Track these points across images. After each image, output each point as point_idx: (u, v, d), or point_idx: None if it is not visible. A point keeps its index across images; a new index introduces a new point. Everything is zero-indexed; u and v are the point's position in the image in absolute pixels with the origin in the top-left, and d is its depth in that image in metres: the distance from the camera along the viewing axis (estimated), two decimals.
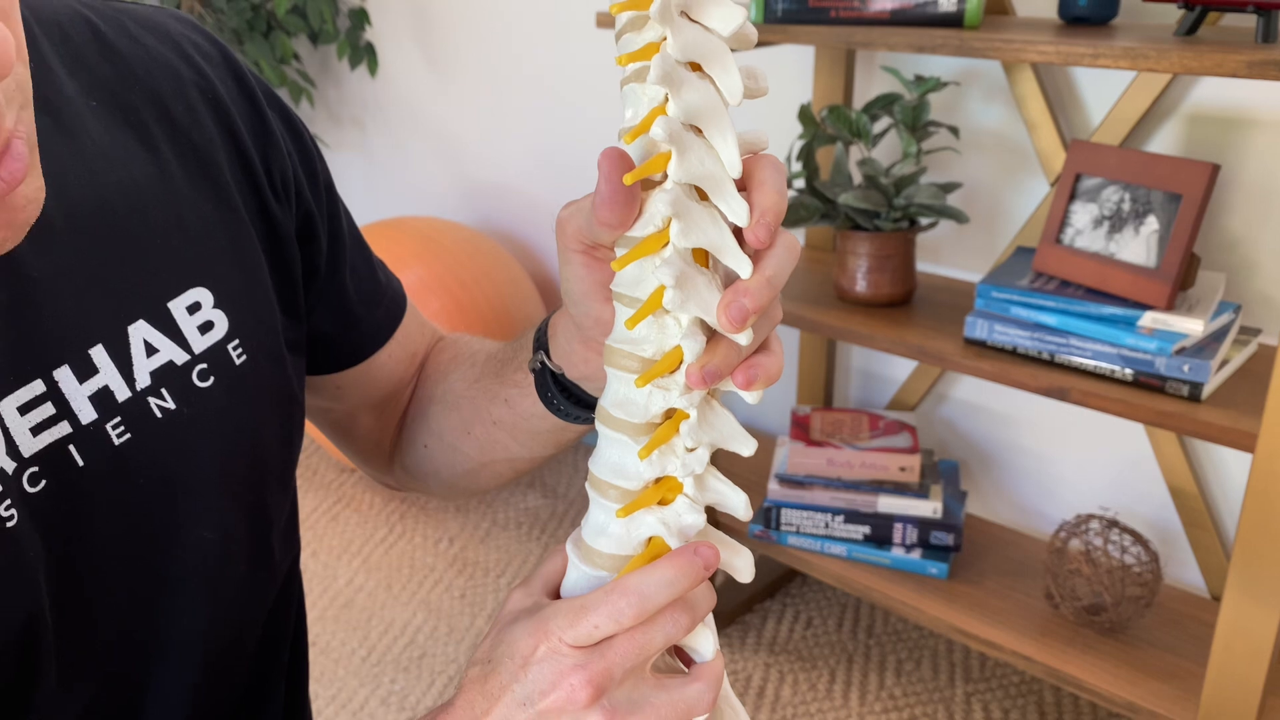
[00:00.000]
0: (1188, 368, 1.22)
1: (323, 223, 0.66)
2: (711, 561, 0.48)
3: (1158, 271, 1.27)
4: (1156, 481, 1.60)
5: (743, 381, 0.47)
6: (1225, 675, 1.23)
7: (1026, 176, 1.60)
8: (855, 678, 1.73)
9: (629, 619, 0.47)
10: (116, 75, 0.56)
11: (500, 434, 0.66)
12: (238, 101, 0.61)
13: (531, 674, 0.47)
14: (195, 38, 0.61)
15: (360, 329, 0.69)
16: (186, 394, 0.55)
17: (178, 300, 0.55)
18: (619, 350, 0.48)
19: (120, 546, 0.53)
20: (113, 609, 0.53)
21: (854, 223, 1.51)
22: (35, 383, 0.50)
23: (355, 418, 0.75)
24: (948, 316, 1.49)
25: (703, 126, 0.45)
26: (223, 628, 0.59)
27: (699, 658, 0.51)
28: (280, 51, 2.42)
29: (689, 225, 0.45)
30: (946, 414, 1.82)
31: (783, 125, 1.80)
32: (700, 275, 0.46)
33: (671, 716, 0.48)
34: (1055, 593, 1.47)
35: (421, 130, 2.55)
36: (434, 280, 2.13)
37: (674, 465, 0.48)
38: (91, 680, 0.53)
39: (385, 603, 1.95)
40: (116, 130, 0.55)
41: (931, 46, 1.30)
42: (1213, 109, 1.41)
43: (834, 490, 1.63)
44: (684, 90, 0.44)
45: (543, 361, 0.60)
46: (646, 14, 0.44)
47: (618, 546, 0.50)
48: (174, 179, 0.56)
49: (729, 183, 0.45)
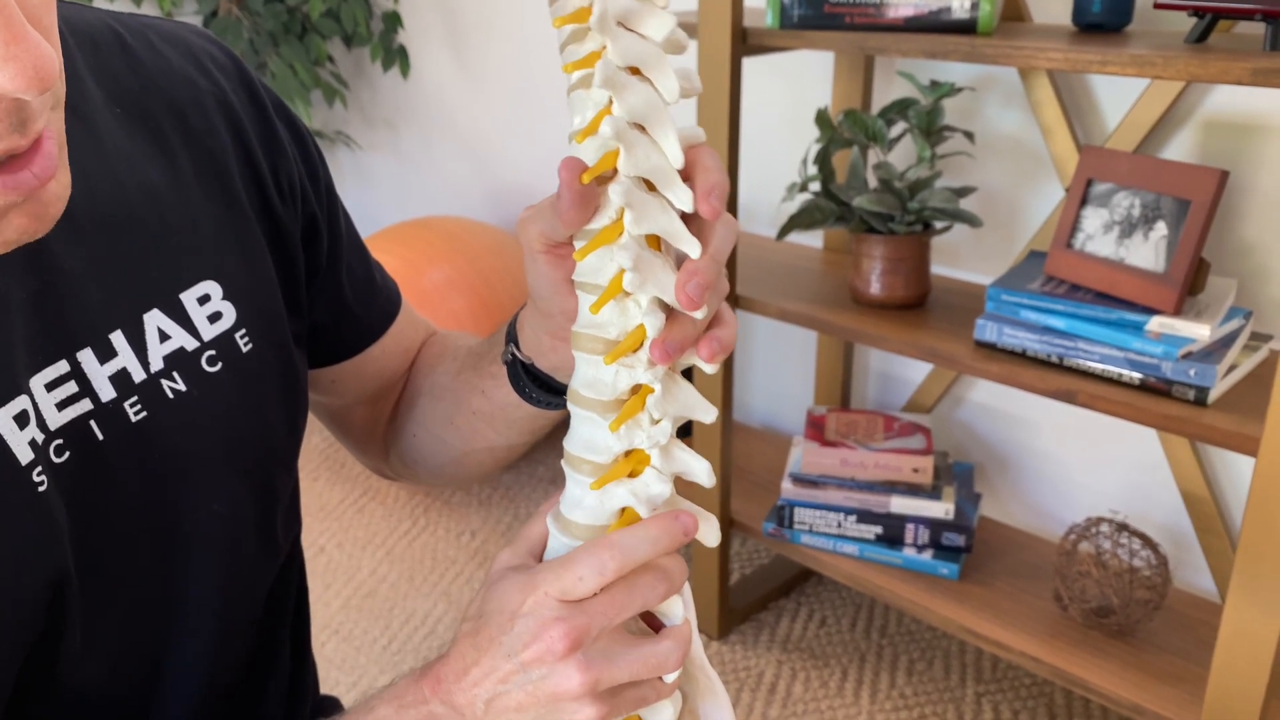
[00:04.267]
0: (1194, 372, 1.23)
1: (324, 224, 0.70)
2: (690, 528, 0.52)
3: (1166, 276, 1.28)
4: (1169, 486, 1.60)
5: (706, 354, 0.51)
6: (1228, 678, 1.24)
7: (1042, 181, 1.62)
8: (867, 676, 1.74)
9: (611, 571, 0.50)
10: (139, 85, 0.61)
11: (479, 423, 0.70)
12: (248, 111, 0.65)
13: (518, 626, 0.51)
14: (213, 51, 0.66)
15: (356, 324, 0.74)
16: (196, 377, 0.60)
17: (189, 292, 0.60)
18: (585, 334, 0.52)
19: (137, 516, 0.58)
20: (130, 574, 0.58)
21: (869, 226, 1.53)
22: (60, 363, 0.55)
23: (351, 409, 0.79)
24: (960, 319, 1.51)
25: (646, 124, 0.49)
26: (232, 594, 0.64)
27: (669, 622, 0.55)
28: (315, 54, 2.47)
29: (641, 214, 0.49)
30: (962, 416, 1.84)
31: (800, 129, 1.82)
32: (655, 258, 0.50)
33: (642, 670, 0.52)
34: (1064, 595, 1.48)
35: (451, 131, 2.59)
36: (460, 279, 2.17)
37: (641, 438, 0.52)
38: (113, 639, 0.58)
39: (407, 594, 1.99)
40: (137, 135, 0.60)
41: (944, 53, 1.31)
42: (1227, 116, 1.42)
43: (847, 490, 1.64)
44: (626, 92, 0.48)
45: (514, 354, 0.64)
46: (587, 26, 0.48)
47: (593, 518, 0.53)
48: (188, 182, 0.61)
49: (673, 173, 0.49)
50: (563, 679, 0.50)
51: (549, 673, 0.50)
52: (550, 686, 0.50)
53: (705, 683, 0.58)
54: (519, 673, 0.51)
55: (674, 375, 0.53)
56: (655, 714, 0.56)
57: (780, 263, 1.78)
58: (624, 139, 0.48)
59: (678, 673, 0.54)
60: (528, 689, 0.51)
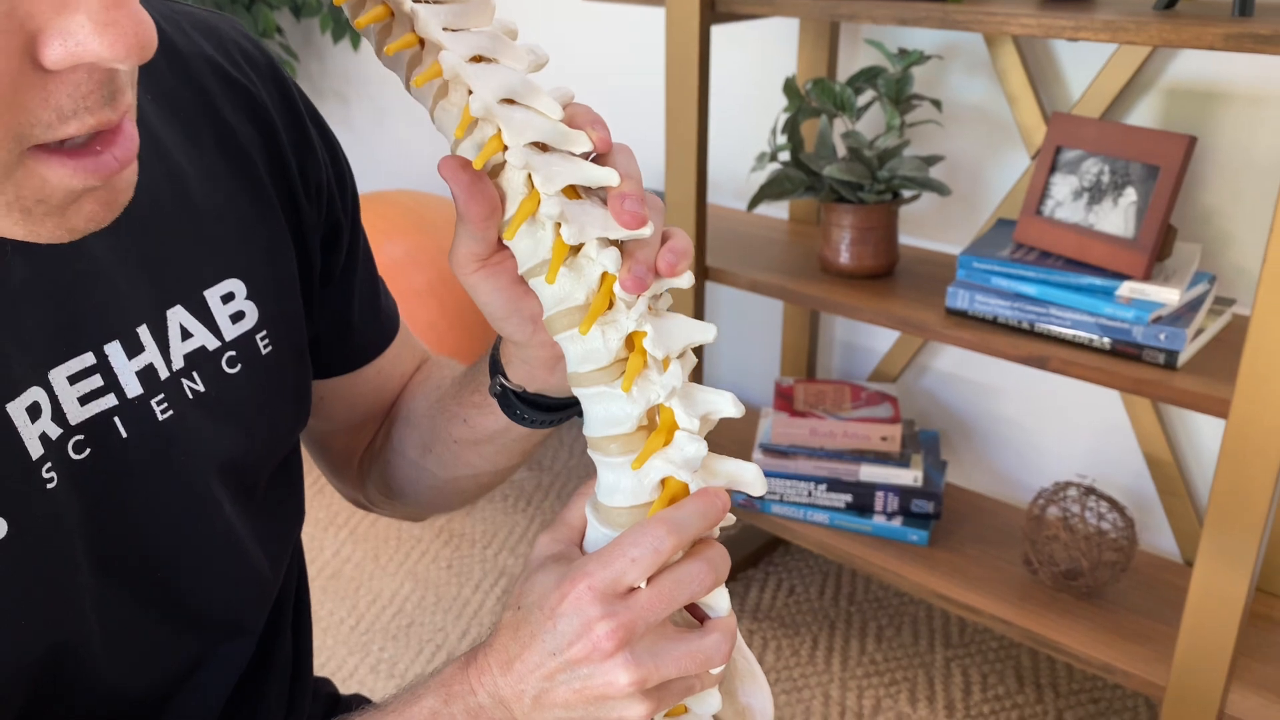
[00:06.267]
0: (1164, 336, 1.24)
1: (346, 232, 0.69)
2: (726, 501, 0.52)
3: (1135, 242, 1.29)
4: (1132, 450, 1.63)
5: (666, 268, 0.50)
6: (1198, 636, 1.26)
7: (1007, 149, 1.62)
8: (837, 643, 1.76)
9: (669, 548, 0.49)
10: (171, 72, 0.59)
11: (462, 450, 0.68)
12: (279, 107, 0.64)
13: (560, 625, 0.49)
14: (245, 44, 0.64)
15: (355, 339, 0.72)
16: (215, 378, 0.58)
17: (213, 290, 0.58)
18: (556, 315, 0.51)
19: (155, 513, 0.55)
20: (146, 570, 0.56)
21: (838, 195, 1.53)
22: (86, 355, 0.52)
23: (334, 435, 0.77)
24: (929, 288, 1.51)
25: (514, 97, 0.49)
26: (244, 593, 0.62)
27: (714, 614, 0.53)
28: (263, 25, 2.41)
29: (547, 172, 0.49)
30: (927, 385, 1.85)
31: (768, 98, 1.81)
32: (582, 203, 0.50)
33: (691, 666, 0.51)
34: (1033, 558, 1.50)
35: (404, 103, 2.54)
36: (420, 253, 2.14)
37: (656, 391, 0.51)
38: (127, 636, 0.56)
39: (373, 573, 1.96)
40: (167, 123, 0.58)
41: (915, 19, 1.31)
42: (1190, 82, 1.43)
43: (817, 460, 1.65)
44: (480, 77, 0.48)
45: (502, 385, 0.62)
46: (417, 37, 0.50)
47: (633, 498, 0.52)
48: (217, 174, 0.59)
49: (559, 125, 0.50)
50: (611, 677, 0.49)
51: (596, 671, 0.49)
52: (598, 685, 0.49)
53: (744, 665, 0.57)
54: (565, 670, 0.50)
55: (659, 311, 0.52)
56: (701, 702, 0.54)
57: (748, 234, 1.77)
58: (498, 115, 0.49)
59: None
60: (574, 686, 0.50)
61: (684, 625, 0.53)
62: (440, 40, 0.49)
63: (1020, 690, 1.65)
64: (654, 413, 0.52)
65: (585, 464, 2.27)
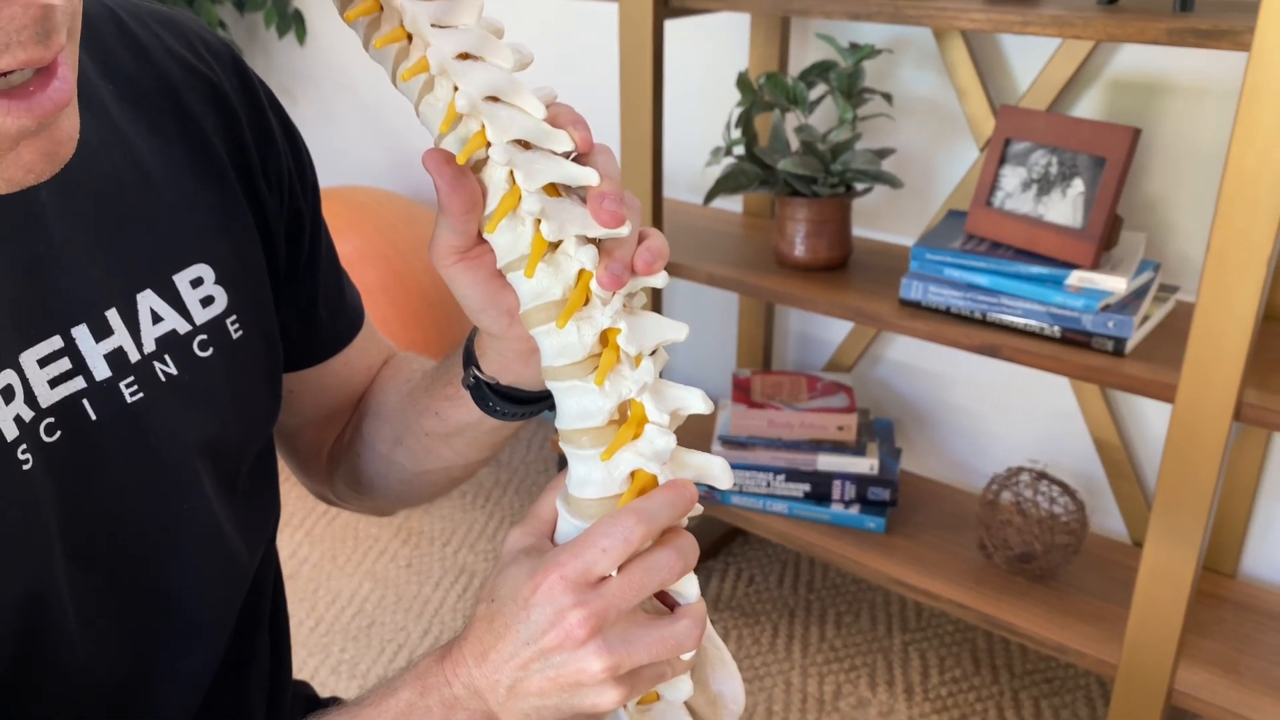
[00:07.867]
0: (1112, 324, 1.27)
1: (308, 222, 0.69)
2: (694, 491, 0.53)
3: (1083, 232, 1.32)
4: (1082, 435, 1.67)
5: (644, 267, 0.52)
6: (1148, 615, 1.30)
7: (957, 142, 1.65)
8: (797, 631, 1.78)
9: (638, 538, 0.50)
10: (135, 64, 0.60)
11: (433, 444, 0.69)
12: (241, 99, 0.64)
13: (534, 615, 0.50)
14: (206, 37, 0.65)
15: (322, 331, 0.72)
16: (187, 361, 0.58)
17: (182, 274, 0.59)
18: (533, 309, 0.52)
19: (129, 497, 0.56)
20: (119, 558, 0.56)
21: (792, 189, 1.54)
22: (54, 338, 0.53)
23: (301, 429, 0.77)
24: (883, 279, 1.53)
25: (498, 95, 0.50)
26: (219, 582, 0.62)
27: (683, 600, 0.54)
28: (205, 19, 2.37)
29: (529, 169, 0.50)
30: (881, 374, 1.88)
31: (721, 93, 1.82)
32: (563, 200, 0.51)
33: (662, 651, 0.52)
34: (988, 543, 1.53)
35: (352, 99, 2.52)
36: (371, 250, 2.12)
37: (628, 386, 0.52)
38: (101, 624, 0.56)
39: (331, 573, 1.95)
40: (131, 114, 0.58)
41: (866, 14, 1.33)
42: (1133, 75, 1.47)
43: (775, 450, 1.67)
44: (467, 74, 0.49)
45: (476, 377, 0.63)
46: (404, 31, 0.51)
47: (603, 490, 0.53)
48: (181, 164, 0.60)
49: (542, 123, 0.51)
50: (584, 665, 0.50)
51: (569, 659, 0.50)
52: (571, 672, 0.50)
53: (714, 652, 0.58)
54: (539, 659, 0.51)
55: (633, 309, 0.53)
56: (673, 689, 0.56)
57: (703, 228, 1.78)
58: (483, 111, 0.50)
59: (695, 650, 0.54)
60: (548, 674, 0.51)
61: (654, 613, 0.55)
62: (428, 36, 0.50)
63: (976, 672, 1.68)
64: (625, 407, 0.53)
65: (544, 460, 2.27)
